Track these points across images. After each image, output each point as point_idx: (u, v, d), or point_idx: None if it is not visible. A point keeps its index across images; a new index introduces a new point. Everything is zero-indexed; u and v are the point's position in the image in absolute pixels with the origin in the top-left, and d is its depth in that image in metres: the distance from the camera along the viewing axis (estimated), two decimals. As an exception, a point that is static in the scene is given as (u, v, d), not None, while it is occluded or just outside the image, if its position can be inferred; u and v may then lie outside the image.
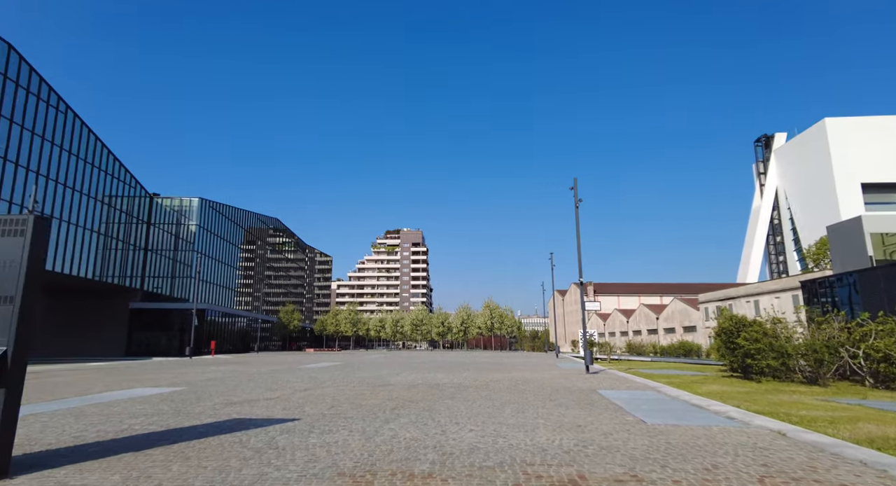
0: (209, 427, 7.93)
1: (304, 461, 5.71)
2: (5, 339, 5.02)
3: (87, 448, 6.36)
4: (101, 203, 45.52)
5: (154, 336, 54.05)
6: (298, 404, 10.98)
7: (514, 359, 41.56)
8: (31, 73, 36.56)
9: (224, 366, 28.38)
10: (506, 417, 9.07)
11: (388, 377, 18.92)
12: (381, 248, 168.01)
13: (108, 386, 15.34)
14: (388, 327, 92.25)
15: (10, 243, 5.15)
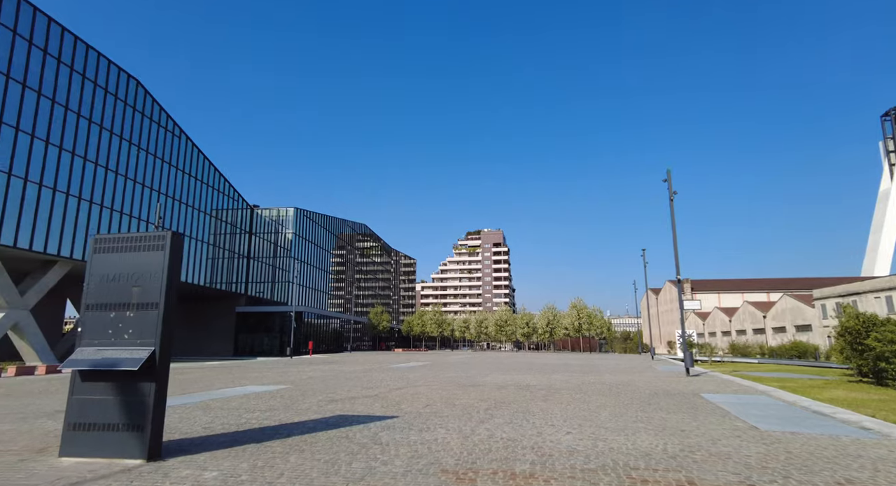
0: (317, 423, 8.50)
1: (408, 456, 5.97)
2: (153, 340, 5.76)
3: (217, 438, 7.09)
4: (209, 216, 50.18)
5: (257, 337, 58.50)
6: (395, 402, 11.42)
7: (605, 361, 40.14)
8: (154, 104, 41.21)
9: (321, 365, 30.09)
10: (603, 420, 8.84)
11: (476, 378, 19.09)
12: (463, 249, 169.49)
13: (225, 383, 16.87)
14: (473, 327, 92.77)
15: (153, 256, 5.90)
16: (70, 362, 5.77)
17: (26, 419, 8.88)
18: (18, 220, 29.29)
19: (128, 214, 38.00)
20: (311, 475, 5.16)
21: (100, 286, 6.02)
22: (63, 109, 32.59)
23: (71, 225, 32.95)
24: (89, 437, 5.71)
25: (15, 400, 11.68)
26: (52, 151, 31.68)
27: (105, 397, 5.75)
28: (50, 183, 31.42)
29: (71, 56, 33.44)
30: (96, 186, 35.10)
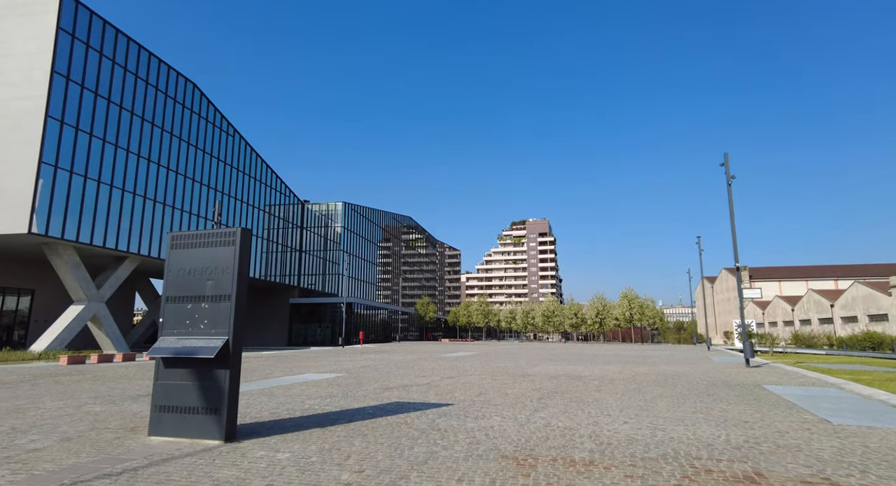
0: (376, 409, 8.82)
1: (467, 442, 6.12)
2: (226, 330, 6.16)
3: (284, 423, 7.50)
4: (263, 212, 52.16)
5: (310, 328, 60.57)
6: (448, 390, 11.64)
7: (658, 352, 39.14)
8: (209, 106, 43.12)
9: (372, 354, 30.87)
10: (660, 410, 8.71)
11: (526, 368, 19.10)
12: (508, 240, 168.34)
13: (284, 372, 17.64)
14: (519, 318, 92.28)
15: (225, 252, 6.29)
16: (154, 351, 6.25)
17: (114, 401, 9.67)
18: (93, 219, 31.48)
19: (188, 211, 40.07)
20: (376, 457, 5.40)
21: (177, 280, 6.48)
22: (129, 114, 34.63)
23: (138, 223, 35.10)
24: (173, 418, 6.20)
25: (101, 384, 12.70)
26: (121, 154, 33.77)
27: (185, 382, 6.21)
28: (119, 184, 33.55)
29: (128, 58, 35.40)
30: (159, 185, 37.17)
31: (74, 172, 30.24)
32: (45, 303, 36.70)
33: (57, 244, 29.96)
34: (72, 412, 8.42)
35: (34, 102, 28.75)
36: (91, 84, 31.64)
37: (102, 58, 32.59)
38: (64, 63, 29.80)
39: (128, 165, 34.32)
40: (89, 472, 4.77)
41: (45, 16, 29.73)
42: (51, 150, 28.77)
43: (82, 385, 12.60)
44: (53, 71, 29.06)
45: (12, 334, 35.57)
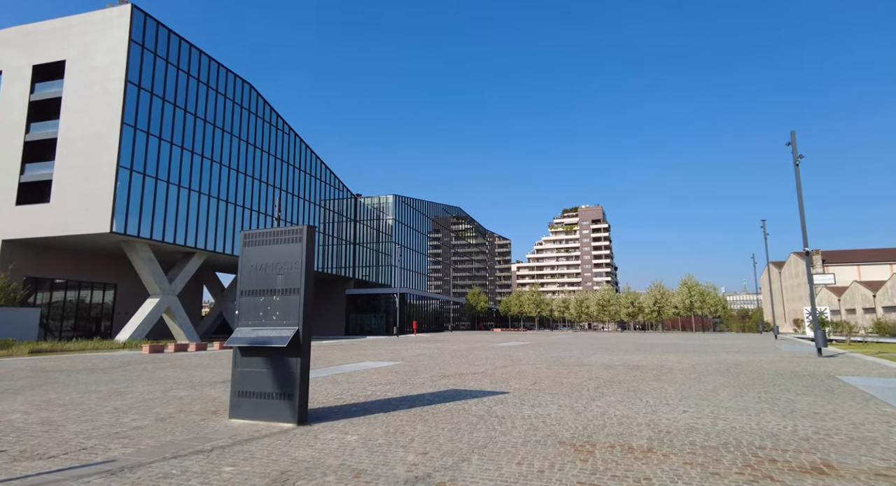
0: (434, 396, 9.14)
1: (525, 429, 6.30)
2: (296, 320, 6.60)
3: (350, 408, 7.94)
4: (318, 206, 53.96)
5: (366, 317, 62.34)
6: (503, 378, 11.83)
7: (720, 341, 37.64)
8: (265, 105, 44.94)
9: (426, 343, 31.49)
10: (722, 400, 8.53)
11: (581, 358, 18.97)
12: (559, 227, 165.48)
13: (344, 360, 18.40)
14: (573, 307, 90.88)
15: (293, 248, 6.73)
16: (232, 340, 6.80)
17: (195, 387, 10.52)
18: (164, 217, 33.72)
19: (249, 207, 42.09)
20: (438, 441, 5.68)
21: (251, 275, 7.00)
22: (193, 117, 36.67)
23: (204, 220, 37.25)
24: (250, 403, 6.73)
25: (181, 371, 13.79)
26: (186, 155, 35.88)
27: (261, 369, 6.72)
28: (186, 184, 35.70)
29: (190, 64, 37.38)
30: (222, 183, 39.23)
31: (147, 174, 32.44)
32: (126, 296, 39.76)
33: (134, 242, 32.34)
34: (160, 395, 9.26)
35: (111, 110, 31.02)
36: (159, 91, 33.72)
37: (168, 65, 34.62)
38: (135, 72, 31.91)
39: (193, 166, 36.42)
40: (184, 448, 5.32)
41: (119, 30, 31.89)
42: (126, 154, 30.99)
43: (165, 372, 13.72)
44: (127, 80, 31.19)
45: (100, 324, 38.82)
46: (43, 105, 33.72)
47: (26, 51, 34.30)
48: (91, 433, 6.11)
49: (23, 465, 4.74)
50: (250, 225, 41.84)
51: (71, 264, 36.14)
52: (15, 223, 31.73)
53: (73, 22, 33.56)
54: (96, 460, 4.91)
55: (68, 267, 36.02)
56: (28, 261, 32.77)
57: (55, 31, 33.93)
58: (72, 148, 31.54)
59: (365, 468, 4.63)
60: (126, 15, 31.95)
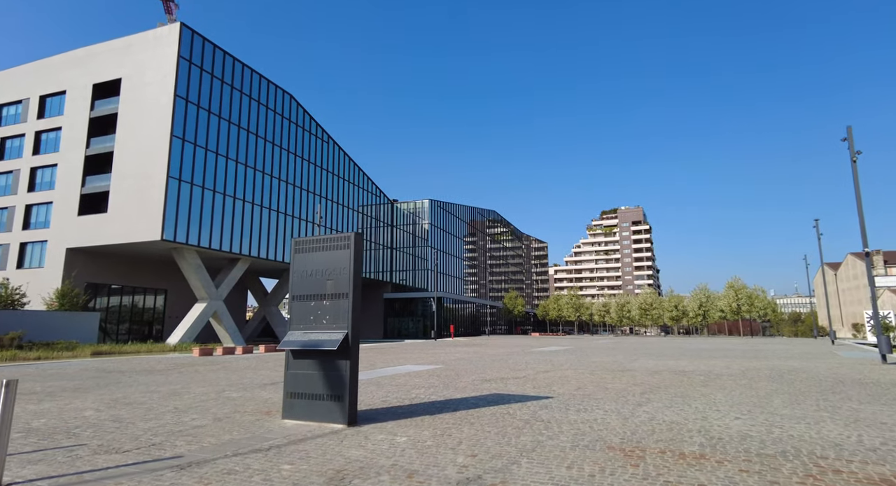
0: (478, 400, 9.19)
1: (572, 433, 6.28)
2: (345, 324, 6.81)
3: (396, 410, 8.09)
4: (356, 212, 54.98)
5: (403, 321, 62.95)
6: (545, 383, 11.76)
7: (771, 346, 36.11)
8: (305, 115, 46.24)
9: (464, 347, 31.52)
10: (776, 407, 8.24)
11: (624, 363, 18.60)
12: (598, 230, 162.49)
13: (386, 363, 18.67)
14: (613, 311, 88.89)
15: (341, 254, 6.95)
16: (285, 343, 7.07)
17: (246, 388, 10.93)
18: (211, 225, 35.10)
19: (291, 214, 43.29)
20: (486, 443, 5.74)
21: (301, 280, 7.26)
22: (237, 128, 38.10)
23: (248, 227, 38.57)
24: (302, 404, 6.97)
25: (231, 374, 14.34)
26: (231, 165, 37.27)
27: (312, 371, 6.95)
28: (231, 192, 37.07)
29: (234, 77, 38.85)
30: (264, 191, 40.53)
31: (194, 184, 33.89)
32: (176, 301, 41.55)
33: (183, 249, 33.81)
34: (215, 396, 9.68)
35: (162, 123, 32.62)
36: (205, 103, 35.22)
37: (213, 79, 36.13)
38: (183, 87, 33.46)
39: (237, 175, 37.80)
40: (243, 447, 5.57)
41: (168, 47, 33.55)
42: (175, 165, 32.49)
43: (216, 374, 14.29)
44: (176, 95, 32.74)
45: (152, 328, 40.71)
46: (101, 121, 35.79)
47: (87, 71, 36.53)
48: (157, 430, 6.47)
49: (103, 458, 5.10)
50: (292, 232, 43.01)
51: (125, 271, 38.08)
52: (77, 232, 33.75)
53: (128, 42, 35.52)
54: (165, 455, 5.21)
55: (123, 273, 37.97)
56: (88, 268, 34.75)
57: (112, 52, 36.00)
58: (126, 160, 33.32)
59: (417, 468, 4.74)
60: (175, 33, 33.57)
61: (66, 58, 38.04)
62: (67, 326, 28.44)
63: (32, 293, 31.77)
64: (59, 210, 34.99)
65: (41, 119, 38.02)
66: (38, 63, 39.42)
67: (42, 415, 7.63)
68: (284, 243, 42.07)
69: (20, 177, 37.52)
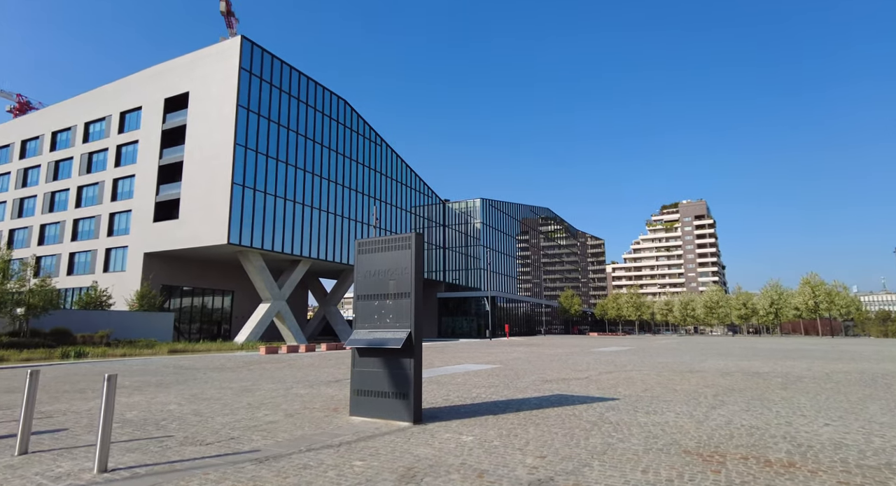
0: (540, 400, 9.05)
1: (643, 436, 6.04)
2: (408, 323, 6.88)
3: (458, 409, 8.10)
4: (409, 213, 55.71)
5: (457, 320, 63.10)
6: (610, 384, 11.42)
7: (857, 347, 33.47)
8: (359, 119, 47.37)
9: (521, 347, 31.19)
10: (873, 414, 7.59)
11: (692, 363, 17.79)
12: (658, 225, 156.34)
13: (444, 362, 18.77)
14: (677, 310, 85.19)
15: (403, 254, 7.04)
16: (350, 342, 7.24)
17: (312, 385, 11.31)
18: (273, 228, 36.61)
19: (347, 216, 44.44)
20: (553, 445, 5.62)
21: (365, 280, 7.41)
22: (295, 134, 39.53)
23: (307, 229, 39.93)
24: (368, 401, 7.11)
25: (297, 371, 14.88)
26: (290, 170, 38.72)
27: (377, 369, 7.08)
28: (291, 196, 38.51)
29: (291, 85, 40.29)
30: (322, 195, 41.81)
31: (256, 189, 35.46)
32: (242, 301, 43.64)
33: (247, 252, 35.44)
34: (283, 393, 10.07)
35: (225, 132, 34.35)
36: (265, 111, 36.78)
37: (272, 88, 37.67)
38: (245, 97, 35.08)
39: (296, 179, 39.21)
40: (315, 442, 5.75)
41: (230, 59, 35.31)
42: (238, 172, 34.11)
43: (283, 372, 14.88)
44: (238, 105, 34.39)
45: (220, 327, 42.95)
46: (172, 133, 38.17)
47: (159, 86, 39.08)
48: (234, 425, 6.80)
49: (189, 449, 5.41)
50: (349, 234, 44.14)
51: (196, 273, 40.40)
52: (153, 238, 36.16)
53: (195, 57, 37.68)
54: (244, 449, 5.46)
55: (194, 276, 40.29)
56: (163, 271, 37.15)
57: (181, 67, 38.31)
58: (195, 169, 35.35)
59: (486, 468, 4.71)
60: (236, 46, 35.27)
61: (142, 75, 40.84)
62: (146, 325, 30.54)
63: (116, 295, 34.32)
64: (137, 217, 37.63)
65: (121, 134, 41.02)
66: (118, 82, 42.57)
67: (133, 408, 8.21)
68: (342, 244, 43.24)
69: (105, 188, 40.64)
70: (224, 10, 74.82)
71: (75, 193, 42.48)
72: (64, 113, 45.82)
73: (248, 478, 4.40)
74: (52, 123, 46.33)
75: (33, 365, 17.34)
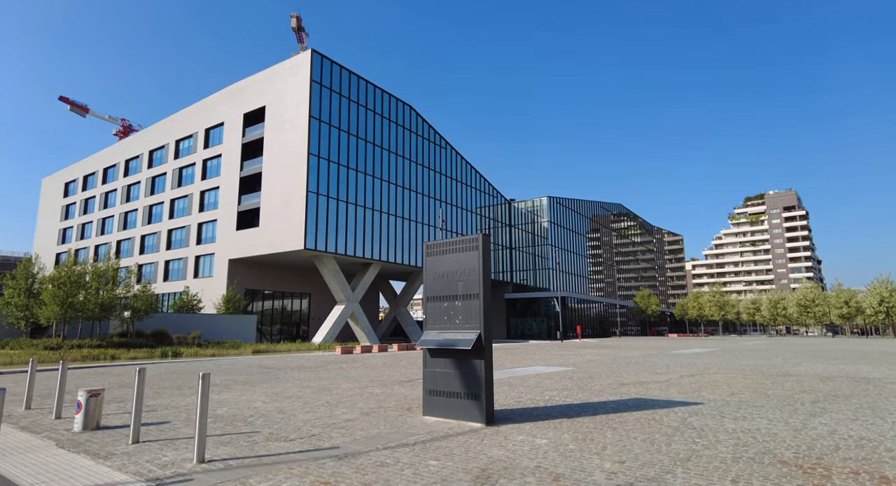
0: (617, 404, 8.72)
1: (732, 444, 5.66)
2: (478, 324, 6.89)
3: (531, 411, 7.98)
4: (474, 214, 55.77)
5: (526, 321, 62.28)
6: (692, 388, 10.81)
7: (983, 349, 29.49)
8: (424, 123, 48.16)
9: (595, 349, 30.27)
10: None
11: (785, 367, 16.45)
12: (742, 218, 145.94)
13: (514, 363, 18.60)
14: (765, 309, 78.94)
15: (470, 255, 7.06)
16: (421, 342, 7.35)
17: (385, 385, 11.60)
18: (346, 233, 37.99)
19: (415, 220, 45.23)
20: (633, 450, 5.40)
21: (434, 282, 7.50)
22: (364, 142, 40.81)
23: (377, 233, 41.06)
24: (441, 401, 7.18)
25: (370, 371, 15.33)
26: (360, 177, 40.02)
27: (448, 370, 7.13)
28: (361, 202, 39.78)
29: (358, 94, 41.61)
30: (390, 199, 42.84)
31: (329, 196, 36.94)
32: (318, 304, 45.62)
33: (322, 256, 37.00)
34: (359, 392, 10.40)
35: (300, 143, 36.10)
36: (335, 121, 38.27)
37: (341, 98, 39.13)
38: (316, 107, 36.70)
39: (366, 185, 40.46)
40: (391, 441, 5.89)
41: (302, 73, 37.09)
42: (313, 180, 35.71)
43: (358, 371, 15.38)
44: (310, 116, 36.04)
45: (299, 328, 45.15)
46: (251, 146, 40.65)
47: (238, 102, 41.81)
48: (315, 422, 7.12)
49: (274, 444, 5.74)
50: (416, 236, 44.92)
51: (275, 277, 42.73)
52: (236, 245, 38.69)
53: (270, 72, 39.96)
54: (324, 445, 5.70)
55: (273, 280, 42.64)
56: (246, 276, 39.63)
57: (257, 83, 40.76)
58: (272, 179, 37.43)
59: (562, 472, 4.61)
60: (307, 60, 36.98)
61: (223, 93, 43.88)
62: (232, 327, 32.72)
63: (205, 299, 37.06)
64: (221, 226, 40.43)
65: (206, 149, 44.28)
66: (204, 101, 46.01)
67: (223, 404, 8.82)
68: (410, 247, 44.07)
69: (193, 200, 44.05)
70: (295, 27, 78.87)
71: (168, 206, 46.35)
72: (158, 133, 50.18)
73: (329, 474, 4.59)
74: (149, 142, 50.88)
75: (139, 363, 19.11)
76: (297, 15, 78.61)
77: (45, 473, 4.75)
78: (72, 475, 4.65)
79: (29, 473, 4.77)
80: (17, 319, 24.30)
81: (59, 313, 23.26)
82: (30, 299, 24.46)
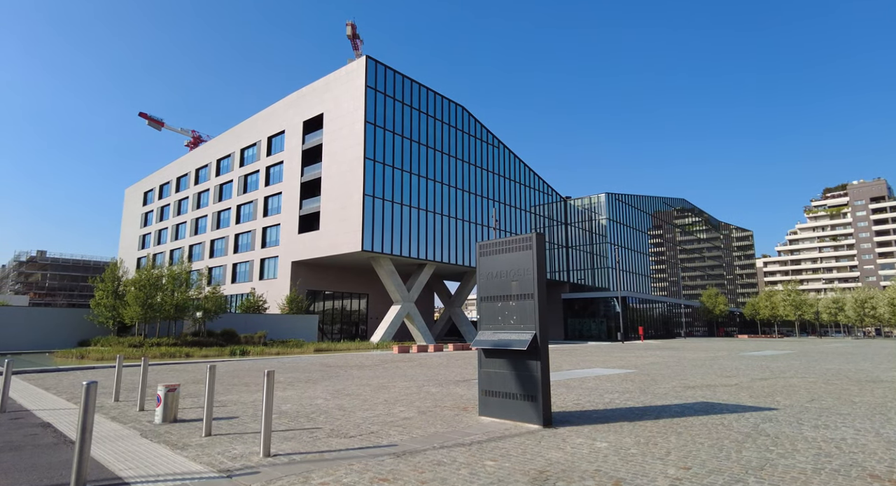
0: (682, 408, 8.34)
1: (812, 453, 5.27)
2: (533, 324, 6.80)
3: (590, 414, 7.79)
4: (529, 213, 55.06)
5: (584, 322, 60.73)
6: (765, 393, 10.16)
7: None
8: (476, 124, 48.15)
9: (658, 351, 29.10)
10: None
11: (874, 372, 15.13)
12: (820, 211, 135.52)
13: (572, 365, 18.21)
14: (850, 308, 72.77)
15: (524, 255, 6.98)
16: (476, 343, 7.35)
17: (441, 384, 11.69)
18: (401, 235, 38.61)
19: (469, 220, 45.28)
20: (699, 456, 5.15)
21: (487, 282, 7.48)
22: (418, 145, 41.33)
23: (432, 234, 41.43)
24: (496, 402, 7.15)
25: (427, 370, 15.50)
26: (414, 179, 40.55)
27: (503, 371, 7.09)
28: (415, 204, 40.30)
29: (412, 97, 42.14)
30: (444, 200, 43.11)
31: (385, 199, 37.67)
32: (376, 304, 46.63)
33: (379, 257, 37.78)
34: (416, 391, 10.54)
35: (356, 148, 37.06)
36: (389, 125, 38.99)
37: (395, 102, 39.83)
38: (371, 113, 37.55)
39: (420, 187, 40.94)
40: (448, 440, 5.92)
41: (358, 79, 38.08)
42: (369, 183, 36.54)
43: (414, 370, 15.59)
44: (366, 121, 36.92)
45: (357, 328, 46.34)
46: (310, 152, 42.17)
47: (298, 110, 43.50)
48: (373, 419, 7.29)
49: (335, 440, 5.93)
50: (470, 236, 44.95)
51: (335, 279, 44.08)
52: (298, 248, 40.25)
53: (327, 80, 41.30)
54: (382, 443, 5.82)
55: (333, 281, 44.00)
56: (308, 277, 41.13)
57: (315, 91, 42.24)
58: (331, 183, 38.64)
59: (622, 476, 4.46)
60: (362, 66, 37.91)
61: (284, 102, 45.80)
62: (294, 326, 34.04)
63: (269, 300, 38.80)
64: (284, 230, 42.19)
65: (269, 156, 46.38)
66: (266, 110, 48.24)
67: (287, 401, 9.20)
68: (464, 247, 44.16)
69: (257, 205, 46.26)
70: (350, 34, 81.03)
71: (235, 212, 48.90)
72: (225, 142, 53.10)
73: (388, 471, 4.68)
74: (217, 151, 53.94)
75: (210, 361, 20.29)
76: (353, 23, 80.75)
77: (132, 460, 5.15)
78: (154, 463, 5.01)
79: (118, 459, 5.18)
80: (107, 318, 26.46)
81: (141, 313, 25.12)
82: (116, 300, 26.57)
